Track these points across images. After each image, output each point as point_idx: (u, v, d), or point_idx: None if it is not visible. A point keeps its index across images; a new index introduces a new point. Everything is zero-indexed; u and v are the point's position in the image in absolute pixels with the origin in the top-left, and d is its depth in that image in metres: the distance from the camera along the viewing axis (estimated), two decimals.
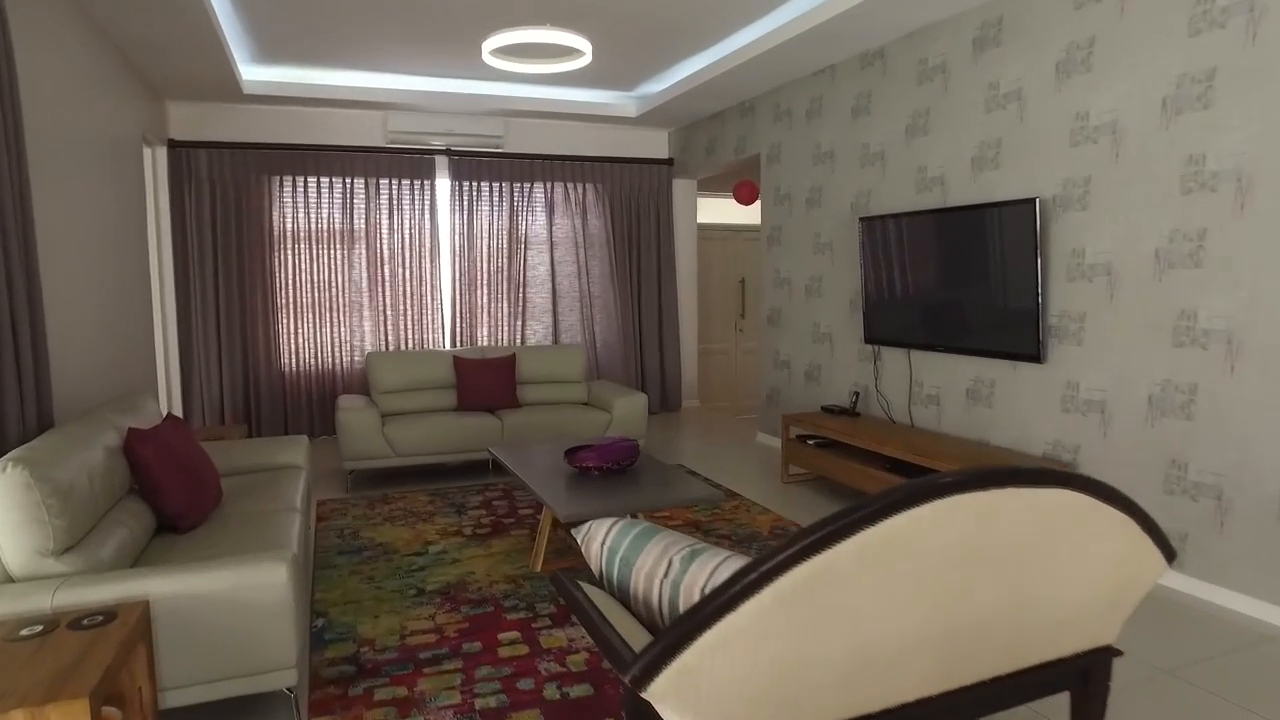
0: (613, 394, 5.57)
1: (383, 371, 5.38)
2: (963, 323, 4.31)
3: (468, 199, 6.95)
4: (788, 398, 6.04)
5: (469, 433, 5.09)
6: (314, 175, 6.48)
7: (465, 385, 5.45)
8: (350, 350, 6.68)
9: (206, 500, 2.94)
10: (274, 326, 6.45)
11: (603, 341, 7.46)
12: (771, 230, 6.19)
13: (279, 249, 6.45)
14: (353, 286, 6.65)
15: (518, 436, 5.21)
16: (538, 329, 7.27)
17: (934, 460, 3.91)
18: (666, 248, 7.69)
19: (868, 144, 5.08)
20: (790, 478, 5.19)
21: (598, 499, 3.15)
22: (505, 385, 5.53)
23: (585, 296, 7.35)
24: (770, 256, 6.22)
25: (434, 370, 5.50)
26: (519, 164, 7.08)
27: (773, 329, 6.22)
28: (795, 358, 5.93)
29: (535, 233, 7.21)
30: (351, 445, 4.83)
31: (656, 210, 7.64)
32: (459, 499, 4.73)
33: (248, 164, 6.29)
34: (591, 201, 7.37)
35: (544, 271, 7.25)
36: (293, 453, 3.89)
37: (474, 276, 7.02)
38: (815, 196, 5.63)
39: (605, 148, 7.52)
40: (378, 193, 6.68)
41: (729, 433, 6.82)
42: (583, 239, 7.33)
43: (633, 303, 7.60)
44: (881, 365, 5.04)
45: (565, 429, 5.33)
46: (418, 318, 6.86)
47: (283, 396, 6.53)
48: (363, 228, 6.67)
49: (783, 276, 6.07)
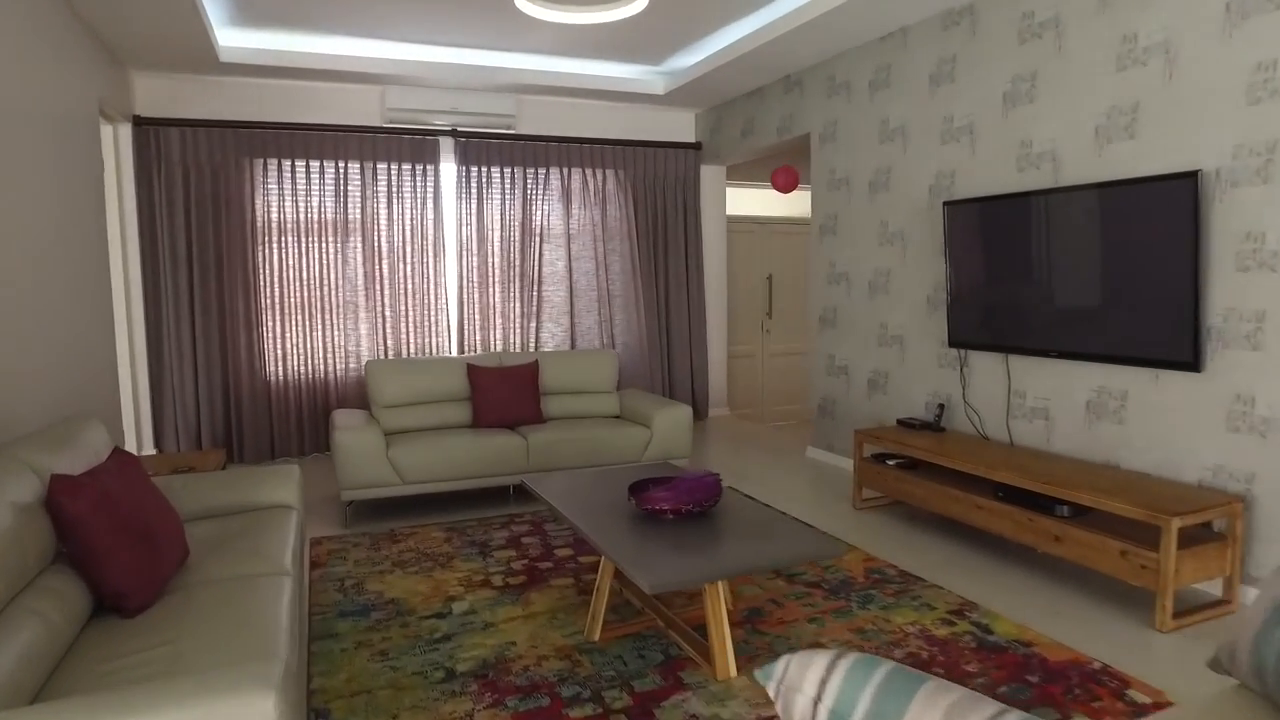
0: (650, 406, 4.83)
1: (385, 383, 4.62)
2: (1084, 323, 3.60)
3: (476, 186, 6.20)
4: (846, 409, 5.32)
5: (489, 455, 4.33)
6: (302, 159, 5.71)
7: (482, 398, 4.70)
8: (345, 357, 5.91)
9: (163, 566, 2.18)
10: (258, 331, 5.68)
11: (623, 345, 6.72)
12: (824, 219, 5.47)
13: (263, 242, 5.67)
14: (347, 285, 5.88)
15: (546, 459, 4.46)
16: (555, 331, 6.52)
17: (1058, 487, 3.20)
18: (694, 241, 6.96)
19: (951, 117, 4.38)
20: (864, 503, 4.47)
21: (685, 557, 2.41)
22: (528, 398, 4.78)
23: (605, 295, 6.61)
24: (822, 249, 5.50)
25: (444, 381, 4.75)
26: (533, 147, 6.34)
27: (827, 331, 5.50)
28: (856, 363, 5.22)
29: (551, 224, 6.46)
30: (351, 472, 4.06)
31: (683, 200, 6.91)
32: (480, 535, 3.97)
33: (226, 145, 5.51)
34: (612, 190, 6.64)
35: (561, 268, 6.51)
36: (281, 488, 3.13)
37: (484, 273, 6.26)
38: (881, 180, 4.91)
39: (628, 130, 6.79)
40: (375, 179, 5.91)
41: (771, 446, 6.10)
42: (602, 231, 6.59)
43: (657, 302, 6.86)
44: (970, 372, 4.33)
45: (600, 449, 4.59)
46: (420, 320, 6.10)
47: (269, 411, 5.75)
48: (358, 218, 5.90)
49: (839, 271, 5.35)
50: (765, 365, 8.52)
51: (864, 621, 2.96)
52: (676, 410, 4.76)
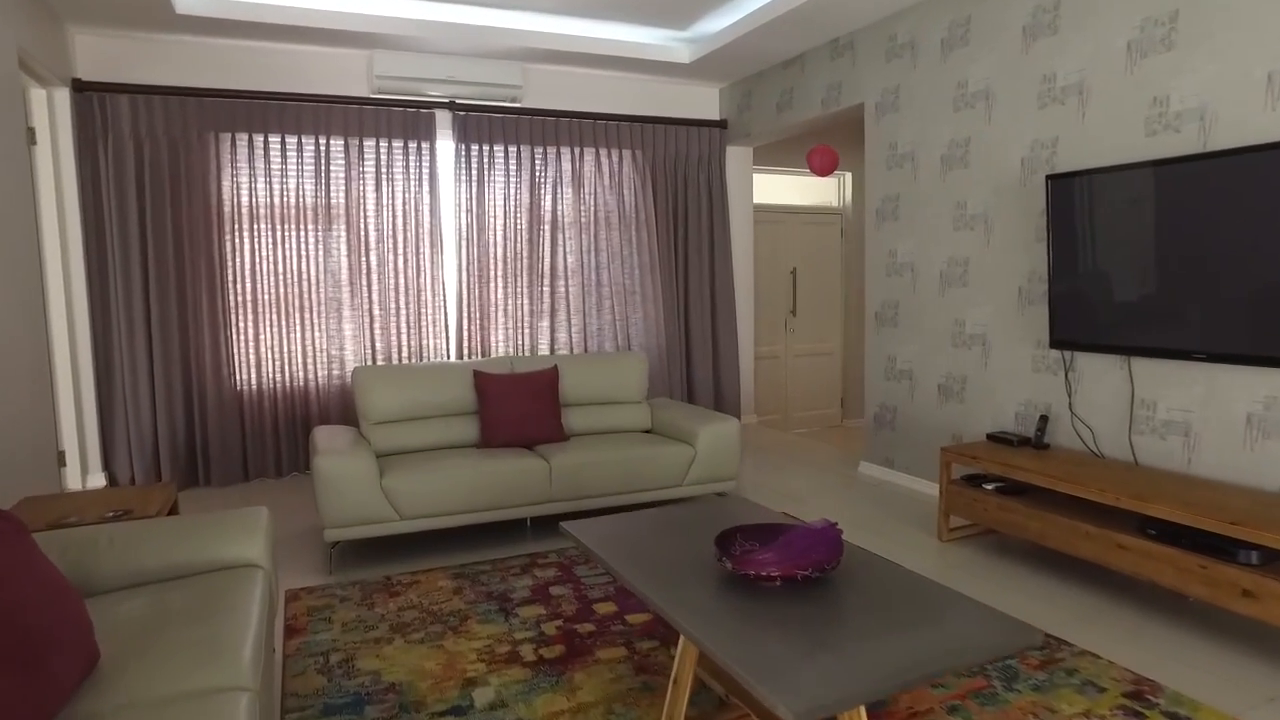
0: (690, 419, 4.10)
1: (376, 394, 3.86)
2: (1246, 319, 2.91)
3: (477, 167, 5.44)
4: (910, 420, 4.61)
5: (504, 483, 3.58)
6: (276, 133, 4.93)
7: (492, 412, 3.94)
8: (327, 363, 5.13)
9: (48, 696, 1.42)
10: (227, 333, 4.89)
11: (639, 347, 5.98)
12: (882, 203, 4.76)
13: (231, 231, 4.88)
14: (330, 279, 5.11)
15: (572, 486, 3.72)
16: (566, 331, 5.77)
17: (1247, 527, 2.49)
18: (719, 230, 6.24)
19: (1051, 75, 3.68)
20: (952, 534, 3.77)
21: (827, 657, 1.68)
22: (546, 411, 4.03)
23: (620, 291, 5.87)
24: (880, 237, 4.79)
25: (447, 391, 3.99)
26: (541, 123, 5.58)
27: (885, 330, 4.79)
28: (923, 367, 4.51)
29: (561, 211, 5.71)
30: (336, 507, 3.30)
31: (707, 184, 6.18)
32: (498, 583, 3.23)
33: (186, 116, 4.71)
34: (629, 173, 5.90)
35: (572, 260, 5.76)
36: (244, 539, 2.36)
37: (485, 266, 5.50)
38: (957, 154, 4.21)
39: (647, 104, 6.05)
40: (361, 157, 5.14)
41: (813, 460, 5.38)
42: (618, 219, 5.85)
43: (677, 298, 6.13)
44: (1077, 378, 3.64)
45: (635, 473, 3.85)
46: (414, 319, 5.33)
47: (240, 426, 4.96)
48: (342, 203, 5.13)
49: (901, 261, 4.64)
50: (789, 367, 7.80)
51: (1020, 712, 2.24)
52: (723, 425, 4.03)
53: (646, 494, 3.91)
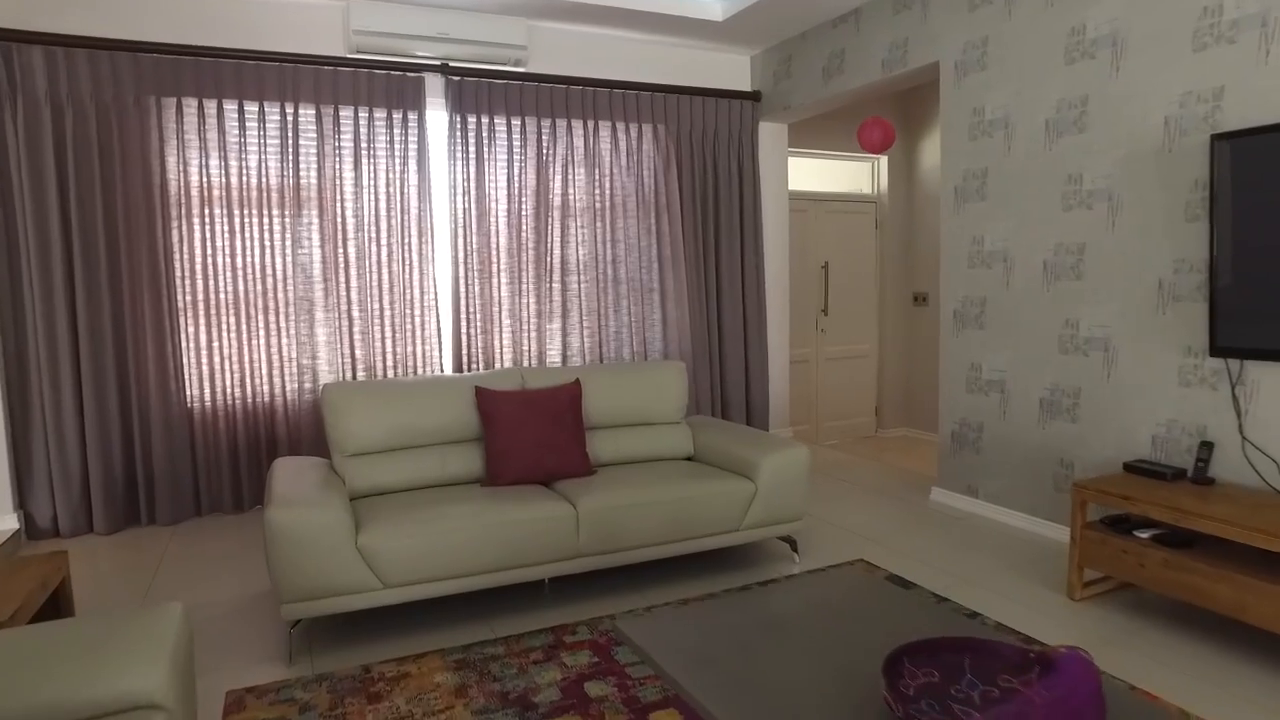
0: (744, 445, 3.29)
1: (353, 418, 3.03)
2: None
3: (474, 142, 4.62)
4: (999, 439, 3.83)
5: (519, 536, 2.76)
6: (233, 99, 4.09)
7: (501, 440, 3.12)
8: (297, 375, 4.29)
9: None
10: (174, 341, 4.04)
11: (661, 353, 5.17)
12: (963, 179, 3.97)
13: (179, 217, 4.04)
14: (299, 275, 4.27)
15: (606, 537, 2.90)
16: (578, 336, 4.95)
17: None
18: (751, 218, 5.44)
19: (1217, 5, 2.89)
20: (1085, 590, 2.97)
21: None
22: (568, 438, 3.21)
23: (639, 288, 5.06)
24: (961, 220, 4.00)
25: (443, 413, 3.17)
26: (549, 91, 4.77)
27: (968, 331, 4.00)
28: (1018, 376, 3.72)
29: (572, 195, 4.89)
30: (297, 574, 2.47)
31: (738, 165, 5.38)
32: (514, 677, 2.41)
33: (120, 76, 3.87)
34: (650, 151, 5.09)
35: (586, 253, 4.94)
36: (139, 662, 1.54)
37: (486, 259, 4.68)
38: (1071, 116, 3.42)
39: (670, 71, 5.24)
40: (336, 129, 4.31)
41: (872, 484, 4.59)
42: (637, 205, 5.04)
43: (706, 296, 5.33)
44: (1250, 394, 2.85)
45: (684, 517, 3.04)
46: (401, 323, 4.51)
47: (190, 451, 4.12)
48: (313, 183, 4.30)
49: (990, 249, 3.85)
50: (819, 371, 7.01)
51: None
52: (789, 454, 3.22)
53: (696, 542, 3.10)
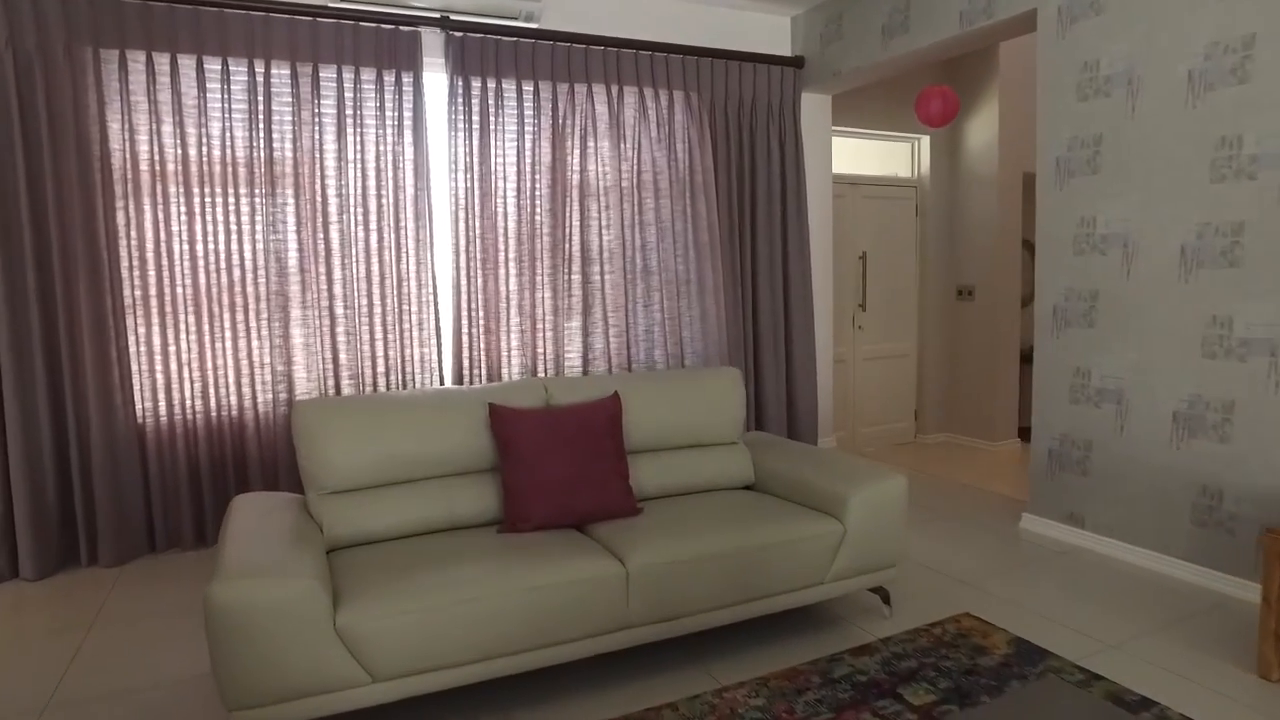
0: (821, 472, 2.64)
1: (332, 446, 2.36)
2: None
3: (479, 111, 3.94)
4: (1115, 460, 3.18)
5: (551, 606, 2.09)
6: (190, 53, 3.41)
7: (523, 472, 2.45)
8: (270, 384, 3.62)
9: None
10: (121, 345, 3.36)
11: (700, 356, 4.51)
12: (1067, 149, 3.31)
13: (125, 196, 3.36)
14: (273, 265, 3.59)
15: (664, 600, 2.24)
16: (601, 336, 4.28)
17: None
18: (795, 202, 4.78)
19: None
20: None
21: None
22: (607, 468, 2.54)
23: (674, 280, 4.40)
24: (1065, 197, 3.35)
25: (448, 437, 2.51)
26: (566, 52, 4.09)
27: (1072, 330, 3.35)
28: (1143, 384, 3.08)
29: (594, 172, 4.22)
30: (254, 670, 1.80)
31: (779, 140, 4.72)
32: None
33: (47, 22, 3.18)
34: (682, 120, 4.42)
35: (612, 239, 4.27)
36: None
37: (492, 247, 4.01)
38: (1227, 64, 2.77)
39: (703, 33, 4.57)
40: (316, 94, 3.63)
41: (945, 507, 3.95)
42: (671, 183, 4.37)
43: (744, 289, 4.67)
44: None
45: (761, 574, 2.38)
46: (394, 322, 3.83)
47: (143, 477, 3.44)
48: (288, 157, 3.62)
49: (1104, 232, 3.20)
50: (857, 373, 6.36)
51: None
52: (884, 486, 2.57)
53: (772, 601, 2.44)
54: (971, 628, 2.61)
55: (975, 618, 2.69)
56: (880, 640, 2.54)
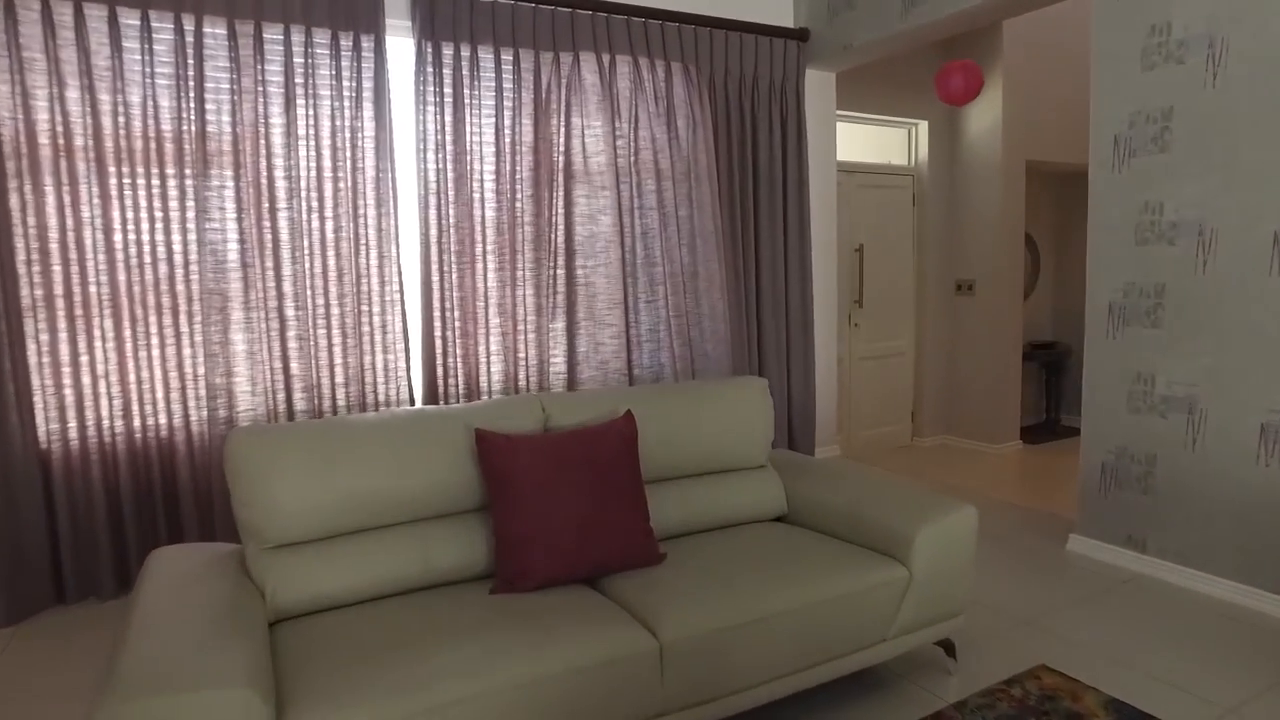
0: (877, 503, 2.20)
1: (277, 487, 1.85)
2: None
3: (452, 81, 3.42)
4: (1184, 474, 2.80)
5: (567, 696, 1.62)
6: (101, 3, 2.83)
7: (520, 515, 1.96)
8: (205, 399, 3.06)
9: None
10: (16, 355, 2.79)
11: (706, 358, 4.06)
12: (1128, 124, 2.92)
13: (19, 175, 2.78)
14: (209, 259, 3.04)
15: (706, 680, 1.77)
16: (586, 340, 3.79)
17: None
18: (796, 189, 4.35)
19: None
20: None
21: None
22: (624, 504, 2.06)
23: (678, 273, 3.93)
24: (1122, 179, 2.96)
25: (424, 472, 2.01)
26: (550, 15, 3.59)
27: (1132, 330, 2.97)
28: (1219, 392, 2.70)
29: (585, 151, 3.73)
30: None
31: (782, 121, 4.28)
32: None
33: None
34: (683, 94, 3.95)
35: (606, 226, 3.78)
36: None
37: (467, 237, 3.49)
38: None
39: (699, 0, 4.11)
40: (260, 57, 3.08)
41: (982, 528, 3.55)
42: (672, 163, 3.90)
43: (744, 283, 4.23)
44: None
45: (818, 637, 1.92)
46: (354, 325, 3.30)
47: (45, 515, 2.86)
48: (225, 132, 3.06)
49: (1173, 219, 2.82)
50: (853, 372, 5.96)
51: None
52: (953, 519, 2.14)
53: (830, 667, 2.00)
54: (1056, 686, 2.20)
55: (1055, 672, 2.28)
56: (953, 707, 2.11)
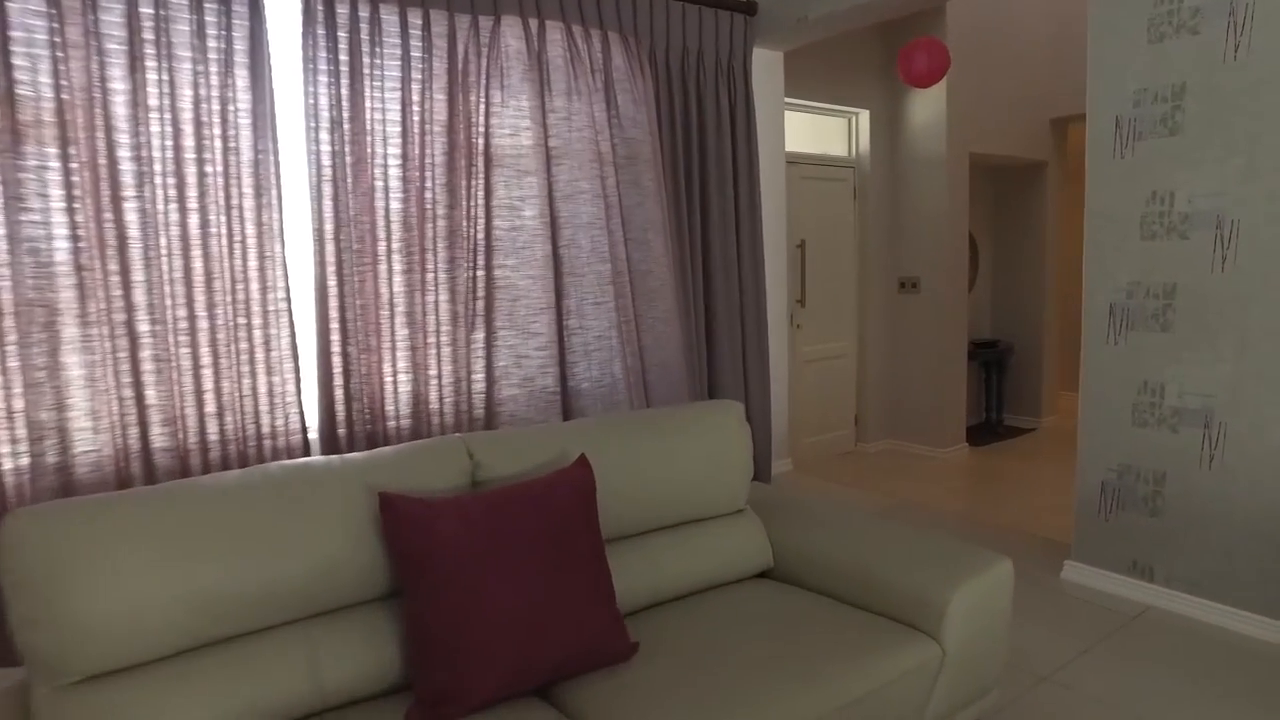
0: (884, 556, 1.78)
1: (81, 595, 1.27)
2: None
3: (348, 45, 2.83)
4: (1198, 494, 2.50)
5: None
6: None
7: (445, 606, 1.44)
8: (23, 443, 2.38)
9: None
10: None
11: (659, 365, 3.58)
12: (1133, 104, 2.60)
13: None
14: (28, 260, 2.37)
15: None
16: (509, 355, 3.25)
17: None
18: (747, 179, 3.93)
19: None
20: None
21: None
22: (583, 579, 1.56)
23: (631, 271, 3.43)
24: (1126, 167, 2.64)
25: (302, 555, 1.46)
26: None
27: (1137, 334, 2.65)
28: (1239, 403, 2.40)
29: (509, 131, 3.18)
30: None
31: (730, 103, 3.85)
32: None
33: None
34: (623, 66, 3.46)
35: (532, 218, 3.24)
36: None
37: (369, 233, 2.91)
38: None
39: None
40: (92, 6, 2.42)
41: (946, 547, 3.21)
42: (612, 148, 3.40)
43: (697, 285, 3.79)
44: None
45: None
46: (228, 342, 2.67)
47: None
48: (46, 97, 2.39)
49: (1185, 210, 2.51)
50: (796, 376, 5.59)
51: None
52: (989, 577, 1.74)
53: None
54: None
55: None
56: None
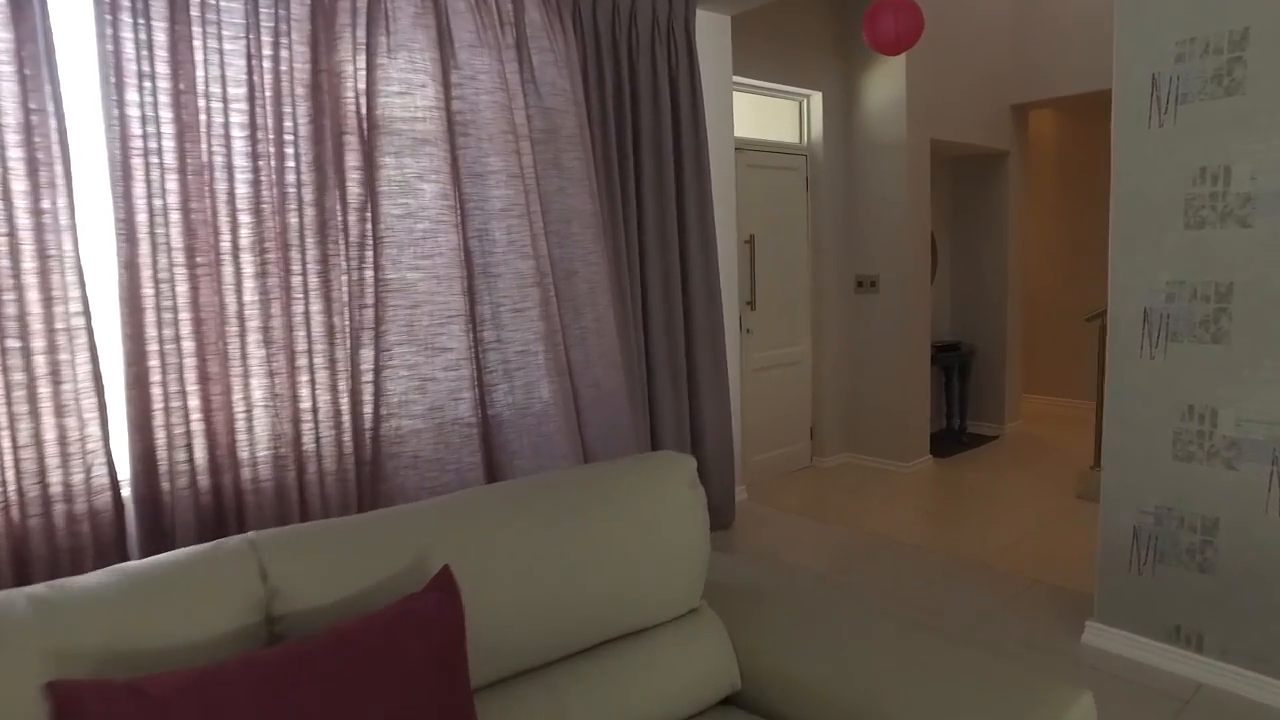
0: (931, 693, 1.21)
1: None
2: None
3: None
4: (1254, 549, 2.01)
5: None
6: None
7: None
8: None
9: None
10: None
11: (592, 385, 2.95)
12: (1174, 59, 2.08)
13: None
14: None
15: None
16: (402, 380, 2.59)
17: None
18: (693, 162, 3.34)
19: None
20: None
21: None
22: None
23: (555, 272, 2.78)
24: (1164, 137, 2.12)
25: None
26: None
27: (1177, 344, 2.14)
28: None
29: (399, 88, 2.51)
30: None
31: (670, 74, 3.26)
32: None
33: None
34: (537, 23, 2.81)
35: (430, 203, 2.57)
36: None
37: (204, 227, 2.21)
38: None
39: None
40: None
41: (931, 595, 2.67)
42: (528, 119, 2.75)
43: (632, 285, 3.18)
44: None
45: None
46: (5, 372, 1.95)
47: None
48: None
49: (1240, 190, 2.00)
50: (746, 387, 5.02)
51: None
52: None
53: None
54: None
55: None
56: None
